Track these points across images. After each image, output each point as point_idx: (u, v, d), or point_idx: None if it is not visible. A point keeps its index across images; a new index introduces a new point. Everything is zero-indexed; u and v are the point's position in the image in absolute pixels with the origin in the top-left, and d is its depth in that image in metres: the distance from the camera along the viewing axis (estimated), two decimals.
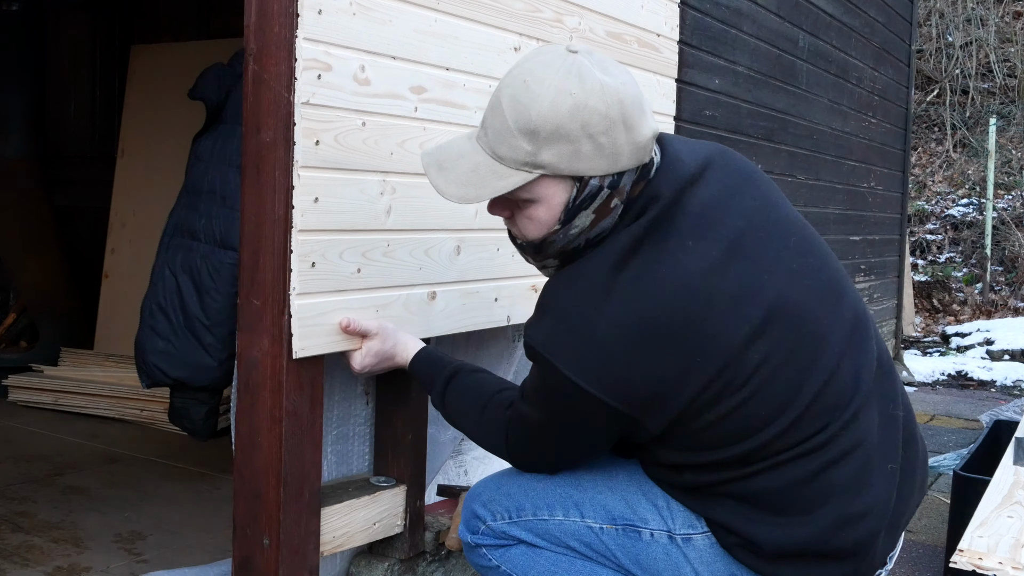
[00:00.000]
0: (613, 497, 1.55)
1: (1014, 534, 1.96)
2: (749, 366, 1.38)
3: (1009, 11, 11.94)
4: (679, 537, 1.51)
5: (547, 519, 1.58)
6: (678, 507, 1.52)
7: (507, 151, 1.40)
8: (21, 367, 4.49)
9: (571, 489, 1.58)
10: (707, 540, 1.50)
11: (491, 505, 1.62)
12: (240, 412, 1.85)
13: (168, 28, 4.84)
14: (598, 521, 1.55)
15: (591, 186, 1.41)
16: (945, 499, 3.42)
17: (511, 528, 1.60)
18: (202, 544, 2.64)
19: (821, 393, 1.43)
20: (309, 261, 1.78)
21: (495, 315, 2.31)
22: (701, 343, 1.37)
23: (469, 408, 1.68)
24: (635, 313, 1.37)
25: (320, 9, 1.77)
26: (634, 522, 1.53)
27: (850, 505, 1.43)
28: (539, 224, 1.45)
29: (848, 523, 1.43)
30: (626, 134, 1.39)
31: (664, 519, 1.52)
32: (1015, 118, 10.90)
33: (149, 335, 2.74)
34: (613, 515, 1.54)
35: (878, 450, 1.48)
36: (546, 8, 2.39)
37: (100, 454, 3.51)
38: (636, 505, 1.54)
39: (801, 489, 1.42)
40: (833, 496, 1.43)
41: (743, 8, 3.77)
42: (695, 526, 1.50)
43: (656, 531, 1.52)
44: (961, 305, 8.77)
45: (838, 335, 1.46)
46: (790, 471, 1.42)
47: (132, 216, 4.49)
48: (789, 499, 1.43)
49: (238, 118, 2.37)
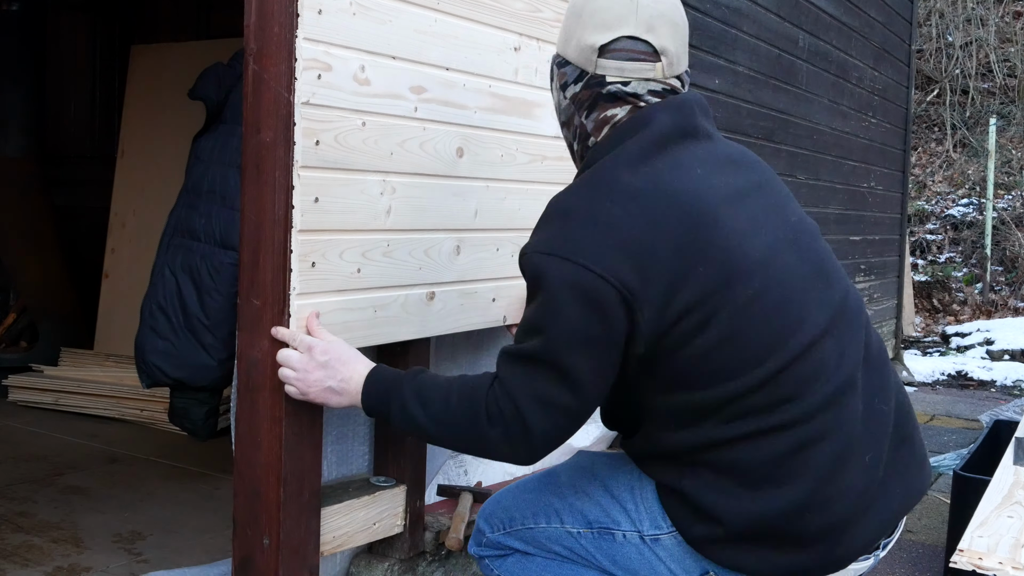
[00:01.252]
0: (589, 502, 1.61)
1: (1014, 534, 1.96)
2: (741, 298, 1.41)
3: (1009, 11, 11.94)
4: (648, 538, 1.55)
5: (533, 527, 1.64)
6: (645, 509, 1.56)
7: None
8: (21, 367, 4.49)
9: (552, 497, 1.64)
10: (674, 539, 1.53)
11: (491, 519, 1.70)
12: (240, 412, 1.85)
13: (168, 28, 4.83)
14: (576, 526, 1.61)
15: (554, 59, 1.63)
16: (945, 499, 3.42)
17: (506, 539, 1.67)
18: (202, 544, 2.64)
19: (802, 357, 1.44)
20: (309, 261, 1.78)
21: (493, 315, 2.32)
22: (705, 253, 1.40)
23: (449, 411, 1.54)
24: (647, 206, 1.41)
25: (320, 9, 1.77)
26: (608, 525, 1.58)
27: (821, 489, 1.45)
28: None
29: (816, 507, 1.44)
30: (577, 24, 1.56)
31: (633, 520, 1.56)
32: (1015, 118, 10.90)
33: (149, 335, 2.74)
34: (588, 519, 1.60)
35: (859, 441, 1.48)
36: (546, 8, 2.39)
37: (100, 454, 3.51)
38: (608, 508, 1.59)
39: (777, 464, 1.44)
40: (807, 476, 1.44)
41: (743, 8, 3.77)
42: (661, 527, 1.54)
43: (628, 532, 1.57)
44: (961, 305, 8.77)
45: (825, 311, 1.49)
46: (768, 445, 1.44)
47: (132, 216, 4.49)
48: (763, 472, 1.45)
49: (238, 118, 2.37)
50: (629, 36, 1.51)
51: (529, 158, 2.36)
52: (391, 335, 2.01)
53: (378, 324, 1.96)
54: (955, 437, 4.59)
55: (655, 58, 1.52)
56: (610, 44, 1.52)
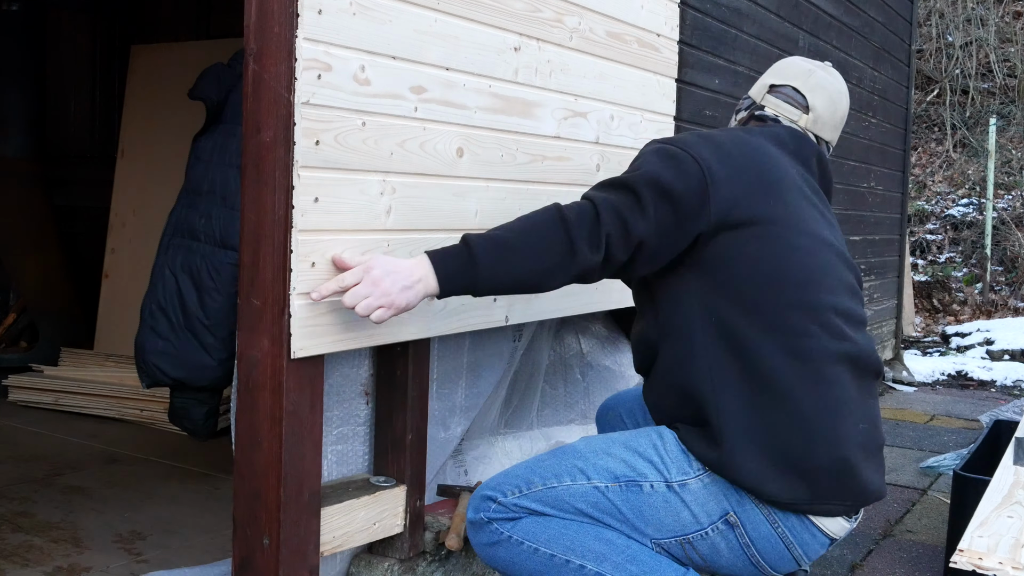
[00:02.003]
0: (613, 460, 1.73)
1: (1014, 534, 1.96)
2: (790, 243, 1.73)
3: (1009, 11, 11.94)
4: (676, 484, 1.70)
5: (556, 486, 1.71)
6: (671, 459, 1.72)
7: None
8: (21, 367, 4.49)
9: (575, 459, 1.75)
10: (699, 483, 1.70)
11: (500, 487, 1.75)
12: (240, 412, 1.85)
13: (168, 28, 4.84)
14: (603, 481, 1.71)
15: None
16: (945, 499, 3.42)
17: (521, 500, 1.72)
18: (202, 544, 2.64)
19: (828, 311, 1.72)
20: (309, 261, 1.78)
21: (494, 315, 2.31)
22: (776, 195, 1.76)
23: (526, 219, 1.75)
24: (747, 146, 1.81)
25: (320, 9, 1.77)
26: (635, 478, 1.71)
27: (827, 423, 1.68)
28: None
29: (821, 438, 1.67)
30: (766, 75, 2.05)
31: (660, 471, 1.71)
32: (1015, 118, 10.90)
33: (149, 335, 2.74)
34: (616, 474, 1.71)
35: (856, 407, 1.72)
36: (546, 8, 2.39)
37: (100, 454, 3.51)
38: (634, 463, 1.72)
39: (793, 386, 1.67)
40: (818, 407, 1.67)
41: (743, 8, 3.78)
42: (687, 472, 1.71)
43: (655, 482, 1.71)
44: (961, 305, 8.77)
45: (851, 311, 1.78)
46: (789, 366, 1.68)
47: (132, 216, 4.49)
48: (781, 389, 1.67)
49: (238, 118, 2.38)
50: (794, 88, 1.95)
51: (529, 158, 2.36)
52: (393, 335, 2.01)
53: (379, 324, 1.95)
54: (955, 437, 4.59)
55: (806, 111, 1.94)
56: (779, 87, 1.97)
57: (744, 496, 1.68)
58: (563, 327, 2.86)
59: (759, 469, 1.65)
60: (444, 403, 2.42)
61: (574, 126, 2.53)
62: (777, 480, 1.65)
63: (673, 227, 1.71)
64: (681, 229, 1.71)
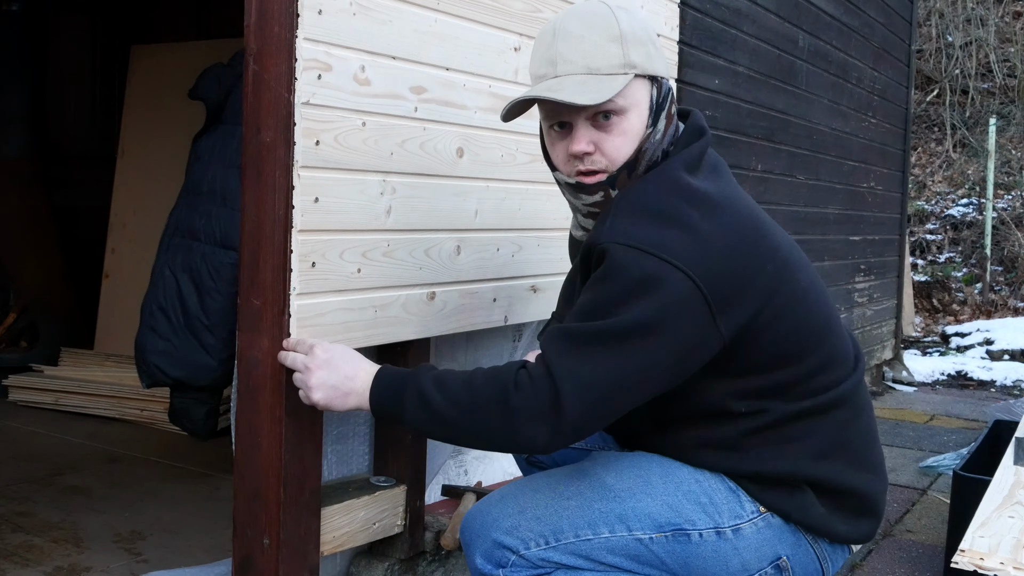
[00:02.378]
0: (654, 503, 1.51)
1: (1015, 534, 1.96)
2: (800, 287, 1.55)
3: (1009, 11, 11.94)
4: (729, 530, 1.51)
5: (591, 538, 1.50)
6: (720, 496, 1.53)
7: (603, 60, 1.53)
8: (21, 367, 4.49)
9: (610, 502, 1.52)
10: (753, 527, 1.52)
11: (518, 532, 1.50)
12: (240, 412, 1.85)
13: (167, 28, 4.84)
14: (646, 532, 1.50)
15: (665, 85, 1.58)
16: (945, 499, 3.42)
17: (550, 554, 1.50)
18: (202, 544, 2.64)
19: (840, 340, 1.61)
20: (309, 261, 1.78)
21: (493, 315, 2.31)
22: (771, 252, 1.52)
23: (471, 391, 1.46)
24: (731, 216, 1.50)
25: (320, 9, 1.77)
26: (682, 526, 1.51)
27: (868, 459, 1.61)
28: (632, 135, 1.55)
29: (872, 472, 1.60)
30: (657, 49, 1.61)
31: (710, 515, 1.51)
32: (1015, 118, 10.90)
33: (149, 335, 2.74)
34: (659, 522, 1.51)
35: (874, 421, 1.66)
36: (546, 8, 2.39)
37: (100, 454, 3.51)
38: (680, 507, 1.51)
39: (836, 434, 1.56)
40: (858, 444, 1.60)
41: (743, 8, 3.78)
42: (741, 515, 1.52)
43: (704, 530, 1.51)
44: (961, 305, 8.77)
45: (834, 311, 1.66)
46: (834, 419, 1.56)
47: (132, 216, 4.49)
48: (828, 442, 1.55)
49: (238, 118, 2.37)
50: None
51: (529, 158, 2.36)
52: (392, 335, 2.01)
53: (379, 324, 1.96)
54: (955, 437, 4.59)
55: None
56: None
57: (800, 536, 1.55)
58: None
59: (828, 510, 1.55)
60: None
61: None
62: (850, 520, 1.57)
63: (681, 369, 1.45)
64: (691, 364, 1.46)
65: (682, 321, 1.41)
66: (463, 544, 1.57)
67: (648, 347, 1.40)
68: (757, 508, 1.53)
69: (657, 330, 1.39)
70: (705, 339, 1.44)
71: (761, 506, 1.53)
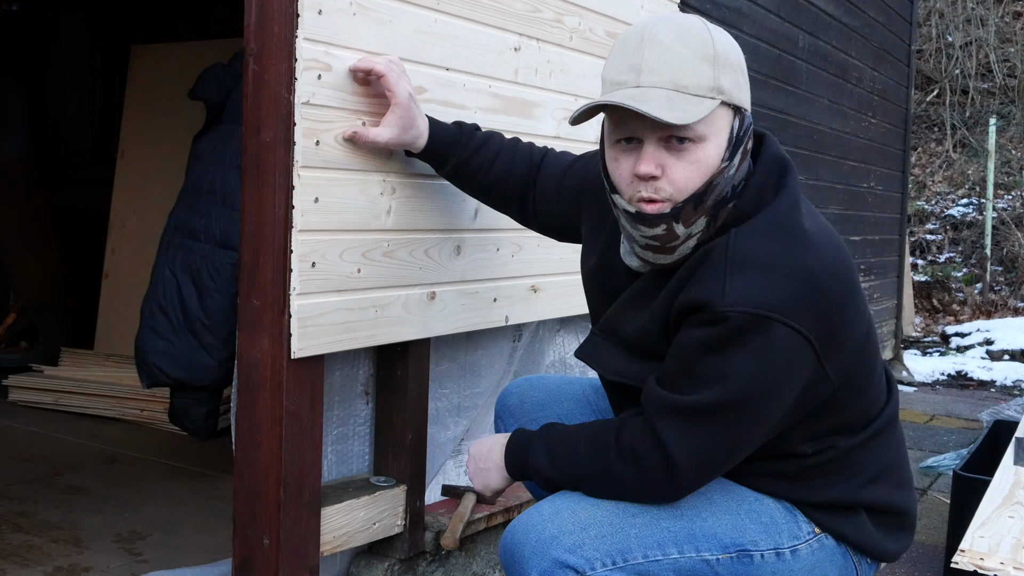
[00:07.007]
0: (719, 523, 1.48)
1: (1015, 534, 1.96)
2: (869, 316, 1.53)
3: (1009, 11, 11.94)
4: (787, 551, 1.50)
5: (660, 559, 1.44)
6: (779, 516, 1.52)
7: (692, 79, 1.40)
8: (21, 367, 4.49)
9: (678, 521, 1.47)
10: (808, 548, 1.51)
11: (582, 551, 1.42)
12: (240, 412, 1.85)
13: (167, 28, 4.83)
14: (713, 552, 1.46)
15: (747, 119, 1.48)
16: (945, 499, 3.42)
17: (617, 574, 1.43)
18: (202, 544, 2.64)
19: (881, 365, 1.60)
20: (309, 261, 1.78)
21: (494, 315, 2.31)
22: (861, 291, 1.50)
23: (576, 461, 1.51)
24: (836, 259, 1.44)
25: (320, 9, 1.77)
26: (745, 547, 1.48)
27: (905, 477, 1.62)
28: (704, 165, 1.43)
29: (908, 489, 1.62)
30: None
31: (771, 536, 1.49)
32: (1015, 118, 10.90)
33: (149, 335, 2.74)
34: (724, 543, 1.47)
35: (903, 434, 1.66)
36: (546, 8, 2.39)
37: (100, 454, 3.51)
38: (743, 527, 1.49)
39: (887, 460, 1.57)
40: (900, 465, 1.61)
41: (743, 8, 3.78)
42: (797, 536, 1.51)
43: (766, 551, 1.48)
44: (961, 305, 8.77)
45: None
46: (881, 443, 1.56)
47: (132, 216, 4.49)
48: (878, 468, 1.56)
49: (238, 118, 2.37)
50: None
51: None
52: (392, 335, 2.01)
53: (379, 324, 1.96)
54: (955, 437, 4.59)
55: None
56: None
57: (848, 555, 1.55)
58: (563, 327, 2.86)
59: (878, 529, 1.57)
60: (444, 403, 2.42)
61: None
62: (894, 537, 1.59)
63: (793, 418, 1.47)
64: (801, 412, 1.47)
65: (797, 380, 1.40)
66: (511, 561, 1.47)
67: (762, 410, 1.40)
68: (813, 529, 1.52)
69: (773, 394, 1.39)
70: (817, 386, 1.43)
71: (816, 527, 1.53)
